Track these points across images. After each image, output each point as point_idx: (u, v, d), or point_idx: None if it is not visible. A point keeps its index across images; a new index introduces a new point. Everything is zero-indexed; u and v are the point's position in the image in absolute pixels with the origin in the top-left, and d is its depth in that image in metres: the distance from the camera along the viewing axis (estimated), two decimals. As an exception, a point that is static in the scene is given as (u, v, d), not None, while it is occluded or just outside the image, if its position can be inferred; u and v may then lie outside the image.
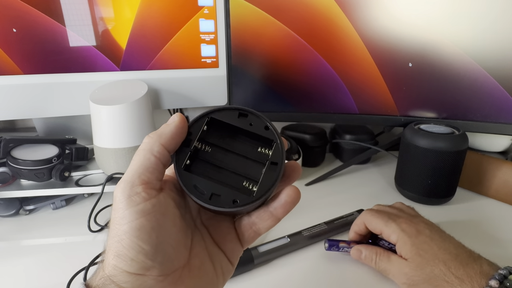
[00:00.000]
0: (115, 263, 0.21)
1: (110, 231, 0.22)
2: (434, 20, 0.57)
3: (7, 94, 0.57)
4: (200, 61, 0.65)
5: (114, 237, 0.21)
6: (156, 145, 0.23)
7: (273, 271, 0.43)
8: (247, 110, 0.26)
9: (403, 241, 0.39)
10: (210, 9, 0.62)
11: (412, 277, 0.37)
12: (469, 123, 0.61)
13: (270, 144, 0.25)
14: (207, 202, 0.24)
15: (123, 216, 0.21)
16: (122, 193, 0.22)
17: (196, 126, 0.25)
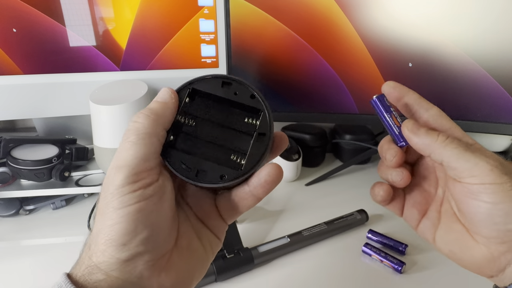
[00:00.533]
0: (104, 248, 0.20)
1: (102, 215, 0.21)
2: (434, 20, 0.57)
3: (7, 94, 0.57)
4: (200, 61, 0.65)
5: (108, 221, 0.20)
6: (160, 129, 0.22)
7: (273, 271, 0.43)
8: (231, 77, 0.24)
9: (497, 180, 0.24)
10: (210, 9, 0.62)
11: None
12: (469, 123, 0.61)
13: (257, 114, 0.24)
14: (193, 178, 0.23)
15: (121, 201, 0.20)
16: (124, 179, 0.20)
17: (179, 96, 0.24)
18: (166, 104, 0.23)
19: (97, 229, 0.21)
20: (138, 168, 0.21)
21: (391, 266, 0.44)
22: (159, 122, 0.22)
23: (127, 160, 0.21)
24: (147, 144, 0.21)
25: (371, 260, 0.46)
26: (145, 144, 0.21)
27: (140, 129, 0.22)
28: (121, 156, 0.21)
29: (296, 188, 0.66)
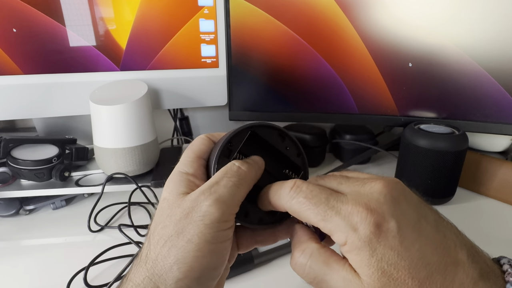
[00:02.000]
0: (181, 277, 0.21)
1: (189, 243, 0.21)
2: (434, 20, 0.57)
3: (7, 94, 0.57)
4: (200, 61, 0.65)
5: (195, 252, 0.21)
6: (251, 184, 0.24)
7: (273, 271, 0.43)
8: (287, 133, 0.27)
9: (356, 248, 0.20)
10: (210, 9, 0.62)
11: None
12: (469, 123, 0.61)
13: (297, 170, 0.27)
14: (238, 217, 0.24)
15: (214, 236, 0.21)
16: (222, 215, 0.22)
17: (237, 138, 0.26)
18: (260, 167, 0.25)
19: (177, 256, 0.21)
20: (232, 210, 0.23)
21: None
22: (254, 177, 0.25)
23: (227, 198, 0.22)
24: (243, 192, 0.23)
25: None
26: (242, 191, 0.23)
27: (242, 176, 0.24)
28: (220, 191, 0.22)
29: (296, 188, 0.66)
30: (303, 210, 0.22)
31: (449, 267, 0.19)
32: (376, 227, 0.19)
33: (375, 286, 0.19)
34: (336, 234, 0.21)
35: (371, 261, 0.19)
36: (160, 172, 0.60)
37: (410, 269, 0.19)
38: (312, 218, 0.21)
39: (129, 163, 0.55)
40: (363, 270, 0.20)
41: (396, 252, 0.19)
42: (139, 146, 0.56)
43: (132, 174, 0.56)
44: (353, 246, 0.20)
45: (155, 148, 0.60)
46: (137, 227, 0.51)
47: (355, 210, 0.20)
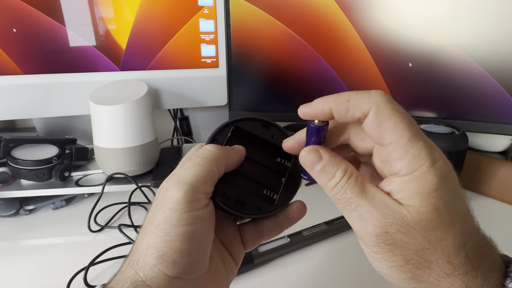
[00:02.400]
0: (155, 263, 0.21)
1: (157, 229, 0.21)
2: (434, 20, 0.57)
3: (7, 94, 0.57)
4: (200, 61, 0.65)
5: (163, 237, 0.21)
6: (222, 162, 0.24)
7: (273, 271, 0.43)
8: (269, 121, 0.28)
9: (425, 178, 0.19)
10: (210, 9, 0.62)
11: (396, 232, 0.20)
12: (469, 123, 0.61)
13: (289, 157, 0.27)
14: (233, 208, 0.25)
15: (180, 218, 0.21)
16: (184, 195, 0.21)
17: (221, 134, 0.26)
18: (236, 153, 0.25)
19: (148, 243, 0.21)
20: (197, 188, 0.22)
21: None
22: (225, 156, 0.24)
23: (188, 178, 0.22)
24: (209, 169, 0.23)
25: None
26: (208, 169, 0.23)
27: (207, 155, 0.23)
28: (182, 173, 0.22)
29: (296, 188, 0.66)
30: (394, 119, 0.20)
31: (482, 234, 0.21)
32: (451, 172, 0.20)
33: (419, 217, 0.19)
34: (411, 160, 0.19)
35: (432, 195, 0.19)
36: (160, 172, 0.60)
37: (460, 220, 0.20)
38: (397, 131, 0.20)
39: (129, 163, 0.55)
40: (415, 201, 0.19)
41: (455, 199, 0.20)
42: (139, 146, 0.56)
43: (132, 174, 0.56)
44: (422, 177, 0.19)
45: (155, 148, 0.60)
46: (137, 227, 0.51)
47: (437, 149, 0.20)
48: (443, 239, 0.19)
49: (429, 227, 0.19)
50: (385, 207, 0.20)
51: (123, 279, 0.22)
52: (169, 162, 0.64)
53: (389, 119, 0.20)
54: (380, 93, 0.21)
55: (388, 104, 0.20)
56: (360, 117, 0.21)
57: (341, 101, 0.21)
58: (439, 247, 0.19)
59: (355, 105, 0.21)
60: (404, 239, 0.19)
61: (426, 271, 0.19)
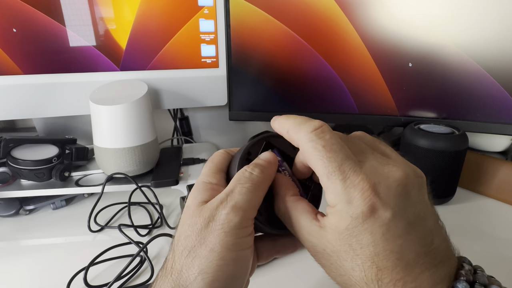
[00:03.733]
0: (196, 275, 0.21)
1: (212, 252, 0.21)
2: (434, 20, 0.57)
3: (7, 94, 0.57)
4: (200, 61, 0.65)
5: (218, 261, 0.21)
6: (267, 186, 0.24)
7: (273, 271, 0.43)
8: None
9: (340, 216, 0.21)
10: (210, 9, 0.62)
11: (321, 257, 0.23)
12: (469, 123, 0.61)
13: (311, 177, 0.27)
14: (264, 224, 0.25)
15: (235, 243, 0.22)
16: (240, 221, 0.22)
17: (255, 148, 0.27)
18: (274, 166, 0.25)
19: (201, 267, 0.21)
20: (249, 214, 0.23)
21: None
22: (268, 179, 0.25)
23: (242, 204, 0.22)
24: (258, 195, 0.24)
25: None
26: (257, 195, 0.23)
27: (255, 180, 0.24)
28: (236, 196, 0.23)
29: (296, 188, 0.66)
30: (314, 157, 0.21)
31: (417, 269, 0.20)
32: (370, 210, 0.20)
33: (335, 248, 0.21)
34: (330, 195, 0.21)
35: (345, 232, 0.20)
36: (160, 172, 0.60)
37: (376, 256, 0.20)
38: (317, 168, 0.21)
39: (129, 163, 0.55)
40: (333, 232, 0.21)
41: (373, 238, 0.20)
42: (139, 146, 0.56)
43: (132, 174, 0.56)
44: (339, 213, 0.21)
45: (155, 148, 0.60)
46: (137, 227, 0.51)
47: (360, 186, 0.20)
48: (355, 271, 0.20)
49: (343, 258, 0.21)
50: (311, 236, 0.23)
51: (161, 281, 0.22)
52: (169, 162, 0.64)
53: (310, 158, 0.22)
54: (307, 130, 0.22)
55: (310, 143, 0.22)
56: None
57: (284, 131, 0.24)
58: (352, 277, 0.21)
59: (291, 137, 0.24)
60: (326, 263, 0.22)
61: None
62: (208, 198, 0.24)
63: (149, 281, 0.41)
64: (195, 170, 0.62)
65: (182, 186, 0.58)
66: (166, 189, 0.59)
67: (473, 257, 0.25)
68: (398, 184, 0.20)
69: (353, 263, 0.20)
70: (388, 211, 0.20)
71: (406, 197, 0.20)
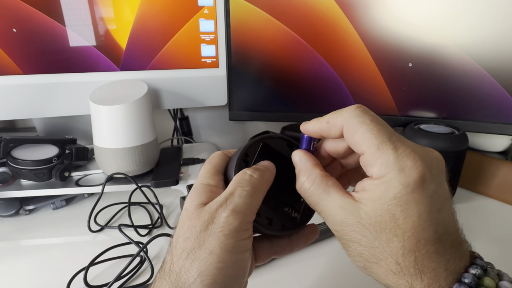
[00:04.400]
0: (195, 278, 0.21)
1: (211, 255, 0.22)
2: (434, 20, 0.57)
3: (7, 94, 0.57)
4: (200, 61, 0.65)
5: (218, 263, 0.21)
6: (265, 189, 0.25)
7: (273, 271, 0.43)
8: (294, 143, 0.29)
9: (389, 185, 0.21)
10: (210, 9, 0.62)
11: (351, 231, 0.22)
12: (469, 123, 0.61)
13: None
14: (263, 225, 0.26)
15: (235, 245, 0.22)
16: (240, 224, 0.22)
17: (252, 150, 0.27)
18: (272, 173, 0.26)
19: (200, 269, 0.22)
20: (248, 218, 0.23)
21: None
22: (267, 184, 0.25)
23: (242, 207, 0.23)
24: (257, 198, 0.24)
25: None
26: (257, 199, 0.24)
27: (255, 184, 0.24)
28: (236, 200, 0.23)
29: (296, 188, 0.66)
30: (362, 130, 0.22)
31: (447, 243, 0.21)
32: (421, 180, 0.20)
33: (373, 219, 0.21)
34: (380, 166, 0.21)
35: (391, 202, 0.20)
36: (160, 172, 0.60)
37: (418, 227, 0.20)
38: (366, 141, 0.21)
39: (129, 163, 0.55)
40: (374, 204, 0.21)
41: (418, 208, 0.20)
42: (139, 146, 0.56)
43: (132, 174, 0.56)
44: (388, 183, 0.21)
45: (155, 148, 0.60)
46: (137, 227, 0.51)
47: (412, 156, 0.21)
48: (393, 242, 0.21)
49: (381, 229, 0.21)
50: (343, 209, 0.22)
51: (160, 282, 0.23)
52: (169, 162, 0.64)
53: (357, 131, 0.22)
54: (351, 109, 0.23)
55: (356, 118, 0.22)
56: (339, 135, 0.24)
57: (323, 124, 0.24)
58: (388, 248, 0.21)
59: (332, 125, 0.24)
60: (357, 236, 0.22)
61: (375, 265, 0.22)
62: (206, 200, 0.24)
63: (149, 281, 0.41)
64: (195, 170, 0.62)
65: (182, 186, 0.58)
66: (166, 189, 0.59)
67: (473, 257, 0.25)
68: (438, 161, 0.22)
69: (391, 234, 0.20)
70: (434, 184, 0.21)
71: (443, 176, 0.22)
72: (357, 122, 0.22)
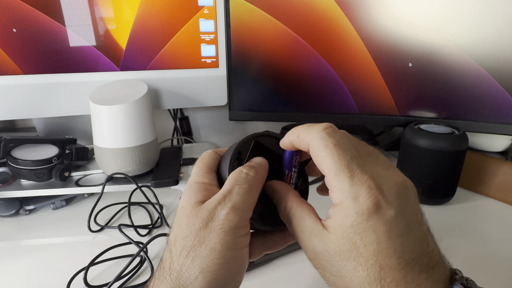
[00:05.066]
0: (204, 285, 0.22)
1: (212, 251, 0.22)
2: (434, 20, 0.57)
3: (7, 94, 0.57)
4: (200, 61, 0.65)
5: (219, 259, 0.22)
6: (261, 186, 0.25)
7: (273, 271, 0.43)
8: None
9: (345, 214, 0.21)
10: (210, 9, 0.62)
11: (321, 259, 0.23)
12: (469, 123, 0.61)
13: (298, 175, 0.28)
14: (257, 221, 0.26)
15: (235, 242, 0.22)
16: (239, 221, 0.23)
17: (244, 148, 0.28)
18: (265, 169, 0.26)
19: (202, 266, 0.22)
20: (247, 215, 0.24)
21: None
22: (261, 181, 0.26)
23: (241, 205, 0.23)
24: (254, 196, 0.24)
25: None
26: (254, 196, 0.24)
27: (251, 181, 0.24)
28: (234, 197, 0.23)
29: (296, 188, 0.66)
30: (324, 154, 0.22)
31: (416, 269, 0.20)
32: (375, 208, 0.20)
33: (337, 248, 0.21)
34: (337, 193, 0.22)
35: (349, 230, 0.21)
36: (160, 172, 0.60)
37: (379, 254, 0.20)
38: (326, 165, 0.22)
39: (129, 163, 0.55)
40: (336, 231, 0.21)
41: (376, 235, 0.20)
42: (139, 146, 0.56)
43: (132, 174, 0.56)
44: (344, 210, 0.21)
45: (155, 148, 0.60)
46: (137, 227, 0.51)
47: (367, 184, 0.21)
48: (358, 271, 0.21)
49: (346, 257, 0.21)
50: (313, 235, 0.23)
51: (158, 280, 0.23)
52: (169, 162, 0.64)
53: (320, 154, 0.22)
54: (319, 129, 0.23)
55: (321, 141, 0.22)
56: (307, 150, 0.24)
57: (294, 136, 0.25)
58: (355, 277, 0.21)
59: (301, 140, 0.24)
60: (327, 265, 0.22)
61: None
62: (203, 198, 0.24)
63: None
64: (195, 170, 0.62)
65: (182, 186, 0.58)
66: (166, 189, 0.59)
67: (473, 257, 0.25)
68: (400, 186, 0.21)
69: (355, 263, 0.21)
70: (391, 210, 0.20)
71: (406, 199, 0.21)
72: (321, 144, 0.22)
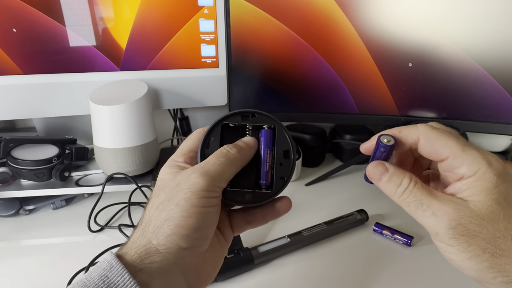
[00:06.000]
0: (170, 233, 0.24)
1: (177, 206, 0.24)
2: (434, 20, 0.57)
3: (7, 94, 0.57)
4: (200, 61, 0.65)
5: (182, 212, 0.24)
6: (240, 165, 0.28)
7: (273, 271, 0.43)
8: (249, 111, 0.30)
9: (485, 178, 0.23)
10: (210, 9, 0.62)
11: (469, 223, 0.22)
12: (469, 123, 0.61)
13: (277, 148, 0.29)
14: (231, 197, 0.28)
15: (198, 201, 0.24)
16: (206, 185, 0.25)
17: (215, 132, 0.29)
18: (251, 149, 0.29)
19: (167, 216, 0.24)
20: (217, 182, 0.26)
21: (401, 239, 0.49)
22: (244, 158, 0.28)
23: (212, 173, 0.25)
24: (229, 170, 0.26)
25: (371, 259, 0.46)
26: (228, 170, 0.26)
27: (231, 157, 0.27)
28: (208, 167, 0.26)
29: (296, 188, 0.66)
30: (443, 138, 0.24)
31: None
32: (504, 170, 0.23)
33: (485, 210, 0.22)
34: (469, 165, 0.23)
35: (493, 190, 0.22)
36: (160, 172, 0.60)
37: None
38: (450, 146, 0.24)
39: (129, 163, 0.55)
40: (479, 196, 0.23)
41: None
42: (139, 146, 0.56)
43: (132, 174, 0.56)
44: (482, 177, 0.23)
45: (155, 148, 0.60)
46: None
47: (489, 153, 0.24)
48: (511, 229, 0.22)
49: (496, 218, 0.22)
50: (454, 203, 0.23)
51: (135, 246, 0.25)
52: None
53: (439, 140, 0.25)
54: (425, 124, 0.26)
55: (433, 130, 0.25)
56: (410, 144, 0.26)
57: (396, 132, 0.27)
58: (509, 236, 0.22)
59: (407, 134, 0.26)
60: (477, 229, 0.22)
61: (502, 259, 0.22)
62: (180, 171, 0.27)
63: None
64: (195, 170, 0.62)
65: (182, 186, 0.58)
66: (166, 189, 0.59)
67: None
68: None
69: (506, 222, 0.22)
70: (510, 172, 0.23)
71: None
72: (436, 132, 0.25)
